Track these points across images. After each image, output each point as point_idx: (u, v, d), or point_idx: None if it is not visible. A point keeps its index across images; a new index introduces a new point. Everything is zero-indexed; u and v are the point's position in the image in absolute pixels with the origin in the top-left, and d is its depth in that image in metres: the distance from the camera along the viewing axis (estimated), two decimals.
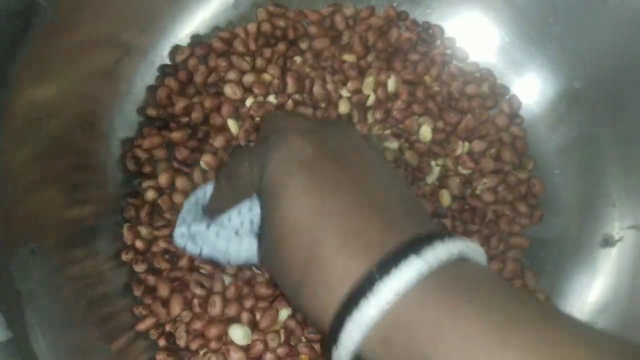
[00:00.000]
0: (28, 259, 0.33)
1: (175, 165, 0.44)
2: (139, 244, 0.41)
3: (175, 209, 0.42)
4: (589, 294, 0.44)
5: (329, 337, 0.23)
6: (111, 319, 0.39)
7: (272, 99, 0.46)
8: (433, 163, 0.47)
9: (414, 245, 0.22)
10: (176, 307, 0.40)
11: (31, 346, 0.31)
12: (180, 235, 0.33)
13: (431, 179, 0.47)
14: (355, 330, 0.21)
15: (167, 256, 0.42)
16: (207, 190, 0.35)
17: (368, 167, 0.26)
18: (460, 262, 0.22)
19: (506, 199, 0.46)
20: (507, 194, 0.46)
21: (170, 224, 0.42)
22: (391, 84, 0.48)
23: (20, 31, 0.33)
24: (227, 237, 0.31)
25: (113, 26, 0.42)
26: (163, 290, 0.40)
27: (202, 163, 0.44)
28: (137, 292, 0.41)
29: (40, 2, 0.34)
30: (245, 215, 0.30)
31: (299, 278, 0.24)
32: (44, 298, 0.33)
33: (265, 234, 0.27)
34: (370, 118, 0.47)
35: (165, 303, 0.40)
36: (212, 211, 0.33)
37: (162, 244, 0.41)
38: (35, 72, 0.35)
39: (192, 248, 0.33)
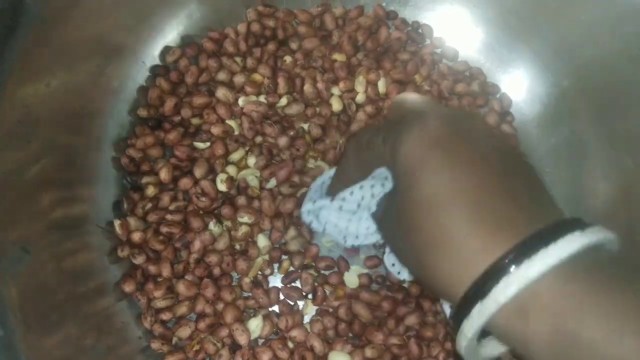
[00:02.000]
0: (21, 257, 0.33)
1: (174, 161, 0.44)
2: (135, 237, 0.42)
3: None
4: None
5: (461, 309, 0.23)
6: (104, 315, 0.39)
7: (262, 98, 0.47)
8: None
9: (562, 227, 0.23)
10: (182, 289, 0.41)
11: (20, 344, 0.30)
12: (307, 212, 0.35)
13: None
14: (492, 304, 0.22)
15: (161, 237, 0.42)
16: (332, 173, 0.36)
17: (500, 152, 0.27)
18: (598, 247, 0.23)
19: None
20: None
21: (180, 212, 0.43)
22: (381, 85, 0.48)
23: (8, 31, 0.33)
24: (348, 215, 0.32)
25: (103, 26, 0.42)
26: (166, 273, 0.41)
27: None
28: (128, 288, 0.41)
29: (28, 2, 0.34)
30: (367, 190, 0.30)
31: (429, 251, 0.25)
32: (36, 295, 0.33)
33: (392, 208, 0.28)
34: (361, 115, 0.47)
35: (170, 286, 0.41)
36: (335, 187, 0.34)
37: (164, 229, 0.42)
38: (25, 73, 0.35)
39: (316, 226, 0.34)
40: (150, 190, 0.43)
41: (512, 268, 0.22)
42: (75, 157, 0.41)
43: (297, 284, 0.43)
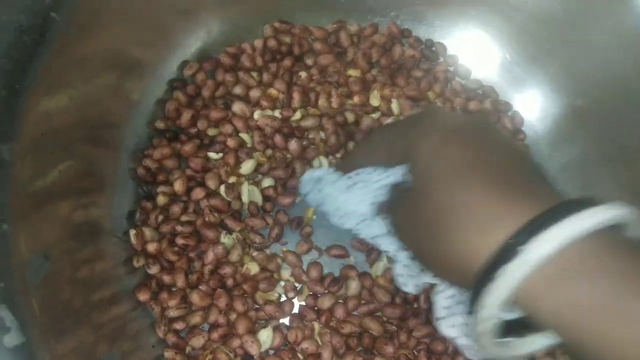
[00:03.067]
0: (42, 265, 0.34)
1: (189, 172, 0.45)
2: (150, 248, 0.42)
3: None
4: None
5: (483, 278, 0.23)
6: (118, 323, 0.40)
7: (277, 113, 0.47)
8: None
9: (591, 200, 0.23)
10: (196, 299, 0.41)
11: (39, 351, 0.31)
12: (309, 181, 0.36)
13: None
14: (518, 270, 0.22)
15: (176, 248, 0.43)
16: (329, 170, 0.37)
17: (514, 148, 0.29)
18: (630, 222, 0.23)
19: None
20: None
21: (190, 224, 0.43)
22: (395, 106, 0.49)
23: (35, 45, 0.34)
24: (345, 187, 0.33)
25: (124, 42, 0.43)
26: (180, 283, 0.42)
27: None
28: (143, 297, 0.41)
29: (55, 18, 0.35)
30: (380, 176, 0.31)
31: (445, 221, 0.25)
32: (53, 303, 0.34)
33: (406, 193, 0.29)
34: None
35: (184, 296, 0.42)
36: (347, 166, 0.35)
37: (180, 241, 0.43)
38: (48, 85, 0.36)
39: (313, 198, 0.35)
40: (161, 200, 0.44)
41: (546, 228, 0.22)
42: (94, 166, 0.42)
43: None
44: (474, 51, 0.51)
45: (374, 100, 0.49)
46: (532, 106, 0.51)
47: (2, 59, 0.33)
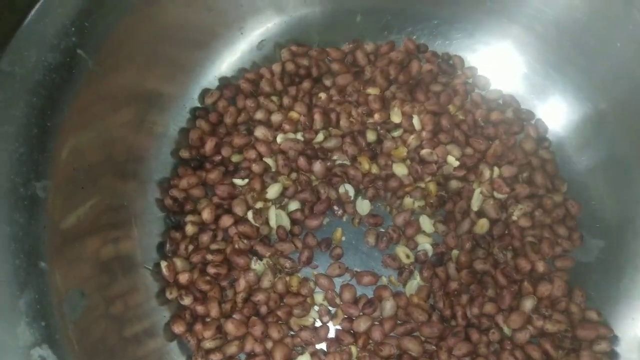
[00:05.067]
0: (79, 301, 0.33)
1: (216, 200, 0.45)
2: (182, 279, 0.42)
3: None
4: None
5: None
6: (155, 357, 0.39)
7: (299, 135, 0.47)
8: (476, 188, 0.47)
9: None
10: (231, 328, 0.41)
11: None
12: None
13: (475, 205, 0.46)
14: None
15: (207, 278, 0.42)
16: None
17: None
18: None
19: (544, 223, 0.46)
20: (544, 218, 0.46)
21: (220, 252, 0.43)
22: (416, 122, 0.48)
23: (64, 82, 0.34)
24: None
25: (145, 75, 0.44)
26: (214, 313, 0.41)
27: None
28: (178, 330, 0.41)
29: (82, 55, 0.35)
30: None
31: None
32: (89, 339, 0.33)
33: None
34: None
35: (219, 326, 0.41)
36: None
37: (211, 270, 0.42)
38: (77, 121, 0.36)
39: None
40: (190, 229, 0.44)
41: None
42: (122, 199, 0.42)
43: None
44: (493, 62, 0.51)
45: (395, 117, 0.49)
46: (555, 113, 0.50)
47: (32, 97, 0.33)
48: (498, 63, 0.51)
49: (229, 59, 0.50)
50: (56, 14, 0.35)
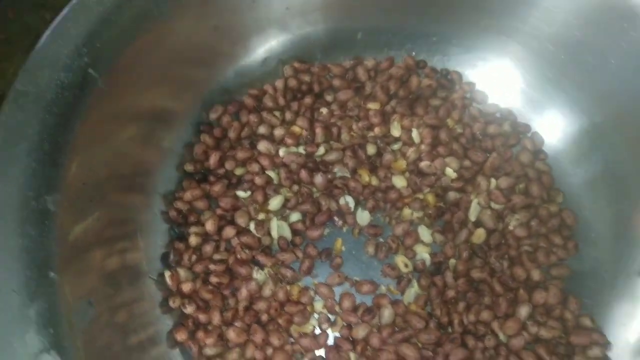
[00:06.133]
0: (87, 310, 0.35)
1: (219, 212, 0.46)
2: (185, 288, 0.43)
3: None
4: (632, 323, 0.44)
5: None
6: None
7: (301, 149, 0.49)
8: (473, 199, 0.48)
9: None
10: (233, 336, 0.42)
11: None
12: None
13: (473, 215, 0.48)
14: None
15: (210, 287, 0.44)
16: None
17: None
18: None
19: (540, 232, 0.47)
20: (540, 227, 0.47)
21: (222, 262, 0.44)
22: (415, 136, 0.50)
23: (75, 100, 0.36)
24: None
25: (153, 93, 0.45)
26: (216, 321, 0.42)
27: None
28: (180, 337, 0.42)
29: (93, 74, 0.37)
30: None
31: None
32: (95, 346, 0.35)
33: None
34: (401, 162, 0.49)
35: (221, 334, 0.42)
36: None
37: (214, 279, 0.44)
38: (87, 137, 0.38)
39: None
40: (194, 240, 0.45)
41: None
42: (128, 212, 0.44)
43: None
44: (491, 77, 0.53)
45: (395, 131, 0.50)
46: (552, 126, 0.51)
47: (45, 115, 0.35)
48: (495, 78, 0.53)
49: (234, 76, 0.52)
50: (69, 35, 0.37)
